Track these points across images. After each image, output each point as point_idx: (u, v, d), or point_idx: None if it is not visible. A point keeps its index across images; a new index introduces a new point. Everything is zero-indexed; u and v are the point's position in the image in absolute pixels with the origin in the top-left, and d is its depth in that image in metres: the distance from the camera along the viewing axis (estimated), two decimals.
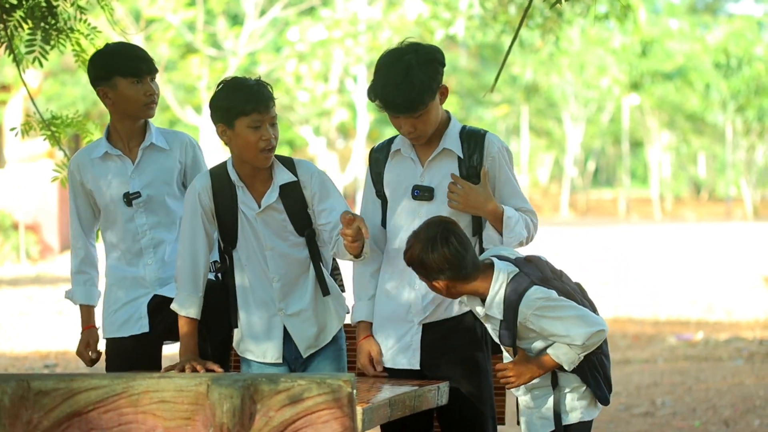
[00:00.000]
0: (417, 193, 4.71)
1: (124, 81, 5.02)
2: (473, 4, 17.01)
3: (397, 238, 4.75)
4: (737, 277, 20.16)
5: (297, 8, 33.38)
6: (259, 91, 4.67)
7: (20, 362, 11.64)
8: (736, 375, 10.55)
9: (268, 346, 4.84)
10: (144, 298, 5.10)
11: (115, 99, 5.06)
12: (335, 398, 3.53)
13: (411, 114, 4.59)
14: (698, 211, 52.24)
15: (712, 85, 45.98)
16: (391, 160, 4.79)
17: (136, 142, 5.11)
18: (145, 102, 5.03)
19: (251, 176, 4.77)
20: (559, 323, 4.46)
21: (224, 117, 4.68)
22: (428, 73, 4.59)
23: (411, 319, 4.74)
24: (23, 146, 23.40)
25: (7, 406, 3.60)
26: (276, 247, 4.78)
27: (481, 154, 4.71)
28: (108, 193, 5.11)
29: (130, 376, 3.63)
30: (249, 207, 4.77)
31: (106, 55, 5.11)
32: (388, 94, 4.59)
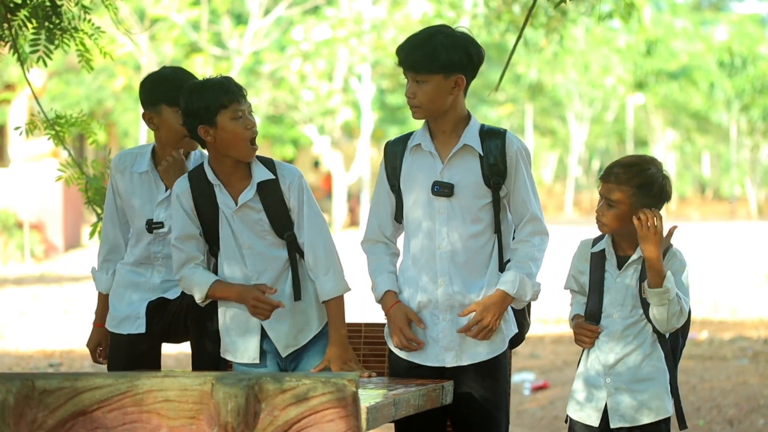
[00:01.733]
0: (437, 189, 4.67)
1: (169, 110, 4.98)
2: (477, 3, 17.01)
3: (417, 234, 4.72)
4: (742, 277, 20.15)
5: (301, 7, 33.38)
6: (229, 82, 4.71)
7: (25, 361, 11.65)
8: (740, 374, 10.54)
9: (246, 346, 4.82)
10: (144, 301, 5.11)
11: (159, 125, 5.04)
12: (340, 397, 3.53)
13: (413, 73, 4.59)
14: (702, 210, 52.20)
15: (716, 84, 45.98)
16: (409, 155, 4.75)
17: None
18: (185, 134, 4.92)
19: (229, 174, 4.75)
20: (683, 288, 4.58)
21: (204, 117, 4.67)
22: (449, 50, 4.58)
23: (435, 314, 4.71)
24: (27, 145, 23.41)
25: (11, 405, 3.60)
26: (253, 246, 4.76)
27: (502, 152, 4.68)
28: (136, 211, 5.11)
29: (135, 375, 3.63)
30: (227, 205, 4.75)
31: (155, 79, 5.07)
32: (403, 48, 4.62)
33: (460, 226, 4.67)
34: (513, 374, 8.01)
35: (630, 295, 4.63)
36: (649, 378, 4.63)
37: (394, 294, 4.75)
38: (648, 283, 4.55)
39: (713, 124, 51.18)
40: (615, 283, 4.67)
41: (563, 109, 51.22)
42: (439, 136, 4.72)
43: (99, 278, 5.24)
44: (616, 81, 45.27)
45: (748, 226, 38.64)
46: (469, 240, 4.68)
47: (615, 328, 4.65)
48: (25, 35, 6.22)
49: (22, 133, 6.26)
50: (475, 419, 4.72)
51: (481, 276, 4.70)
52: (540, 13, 14.54)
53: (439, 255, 4.68)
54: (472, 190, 4.68)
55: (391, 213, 4.80)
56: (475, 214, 4.67)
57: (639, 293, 4.61)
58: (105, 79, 32.20)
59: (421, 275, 4.71)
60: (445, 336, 4.70)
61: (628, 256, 4.66)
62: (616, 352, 4.65)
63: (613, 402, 4.64)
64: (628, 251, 4.67)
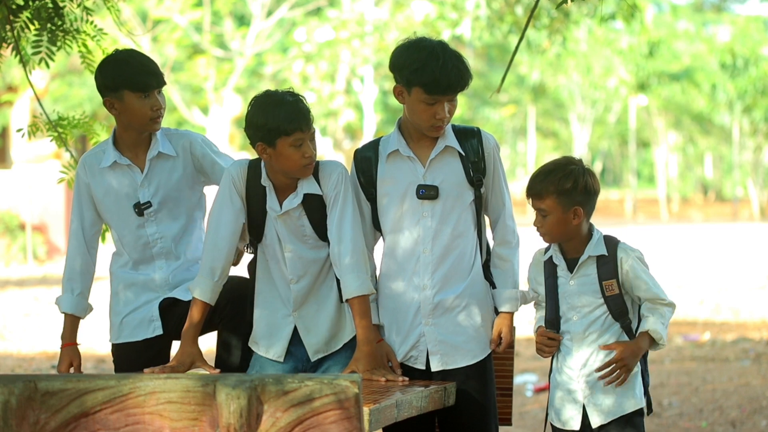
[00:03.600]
0: (422, 192, 4.69)
1: (131, 94, 4.95)
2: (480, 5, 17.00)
3: (399, 239, 4.73)
4: (744, 278, 20.14)
5: (304, 9, 33.39)
6: (298, 109, 4.63)
7: (27, 363, 11.65)
8: (742, 376, 10.53)
9: (274, 343, 4.84)
10: (155, 301, 5.09)
11: (121, 110, 4.99)
12: (342, 399, 3.53)
13: (457, 93, 4.62)
14: (705, 212, 52.19)
15: (718, 85, 45.95)
16: (387, 161, 4.75)
17: (143, 149, 5.06)
18: (151, 116, 4.96)
19: (281, 182, 4.76)
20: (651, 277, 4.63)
21: (265, 137, 4.64)
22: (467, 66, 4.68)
23: (419, 321, 4.73)
24: (30, 147, 23.41)
25: (14, 407, 3.60)
26: (295, 250, 4.77)
27: (481, 149, 4.73)
28: (117, 202, 5.07)
29: (137, 377, 3.63)
30: (272, 209, 4.77)
31: (115, 65, 5.01)
32: (448, 74, 4.58)
33: (445, 228, 4.70)
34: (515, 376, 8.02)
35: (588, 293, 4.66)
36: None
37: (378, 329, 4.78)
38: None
39: (716, 126, 51.15)
40: (569, 286, 4.69)
41: (566, 111, 51.18)
42: (416, 141, 4.74)
43: (64, 300, 5.15)
44: (619, 82, 45.23)
45: (751, 227, 38.62)
46: (453, 242, 4.71)
47: (576, 329, 4.69)
48: (28, 37, 6.22)
49: (24, 134, 6.26)
50: (464, 421, 4.73)
51: (463, 277, 4.73)
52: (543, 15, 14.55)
53: (423, 259, 4.70)
54: (456, 190, 4.72)
55: (369, 222, 4.80)
56: (459, 215, 4.71)
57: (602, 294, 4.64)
58: None
59: (404, 279, 4.73)
60: (430, 340, 4.72)
61: (578, 258, 4.68)
62: (584, 353, 4.67)
63: (591, 401, 4.68)
64: (577, 253, 4.70)
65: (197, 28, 33.03)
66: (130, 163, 5.05)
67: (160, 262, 5.09)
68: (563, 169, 4.66)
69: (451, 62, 4.59)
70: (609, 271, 4.64)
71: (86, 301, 5.18)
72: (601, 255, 4.64)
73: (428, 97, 4.59)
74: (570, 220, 4.63)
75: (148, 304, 5.09)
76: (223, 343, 4.98)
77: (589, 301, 4.66)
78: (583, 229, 4.67)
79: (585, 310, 4.66)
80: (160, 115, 5.00)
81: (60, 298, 5.19)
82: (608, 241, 4.69)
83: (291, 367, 4.85)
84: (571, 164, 4.68)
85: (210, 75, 32.32)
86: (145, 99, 4.95)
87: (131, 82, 4.94)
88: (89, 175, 5.10)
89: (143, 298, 5.10)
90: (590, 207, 4.68)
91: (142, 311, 5.09)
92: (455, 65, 4.59)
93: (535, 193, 4.66)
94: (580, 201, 4.63)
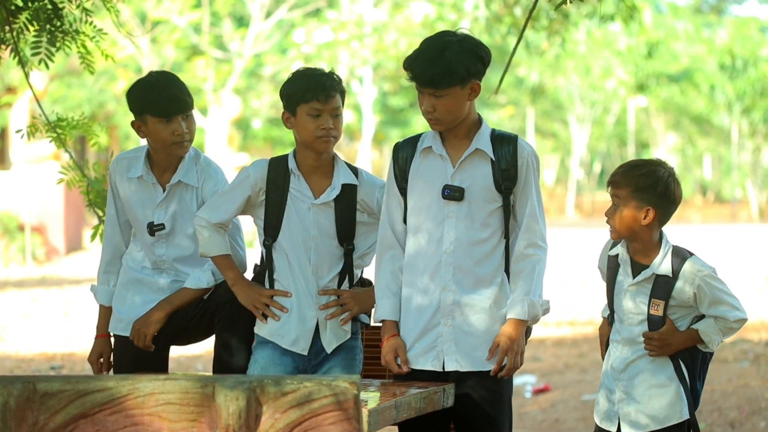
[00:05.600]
0: (448, 192, 4.66)
1: (153, 119, 4.98)
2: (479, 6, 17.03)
3: (422, 237, 4.71)
4: (743, 279, 20.13)
5: (303, 10, 33.38)
6: (321, 81, 4.80)
7: (26, 364, 11.65)
8: (741, 377, 10.53)
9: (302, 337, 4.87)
10: (153, 303, 5.10)
11: (146, 133, 5.05)
12: (341, 400, 3.53)
13: (432, 89, 4.57)
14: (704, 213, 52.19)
15: (717, 86, 45.97)
16: (419, 158, 4.74)
17: (171, 171, 5.10)
18: (173, 141, 4.99)
19: (312, 167, 4.87)
20: (722, 294, 4.57)
21: (287, 104, 4.85)
22: (463, 59, 4.57)
23: (438, 320, 4.70)
24: (29, 148, 23.42)
25: (12, 408, 3.60)
26: (320, 240, 4.86)
27: (514, 157, 4.67)
28: (136, 214, 5.14)
29: (136, 378, 3.63)
30: (304, 195, 4.85)
31: (139, 89, 5.06)
32: (417, 65, 4.59)
33: (468, 230, 4.66)
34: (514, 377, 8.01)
35: (639, 308, 4.63)
36: (656, 385, 4.61)
37: (392, 325, 4.76)
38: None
39: (714, 127, 51.17)
40: (627, 289, 4.66)
41: (564, 112, 51.21)
42: (450, 140, 4.71)
43: (100, 291, 5.24)
44: (618, 84, 45.26)
45: (750, 228, 38.62)
46: (476, 245, 4.66)
47: (625, 334, 4.65)
48: (27, 38, 6.22)
49: (23, 135, 6.27)
50: (478, 422, 4.71)
51: (486, 283, 4.69)
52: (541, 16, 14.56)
53: (444, 260, 4.67)
54: (483, 194, 4.66)
55: (401, 216, 4.78)
56: (484, 219, 4.66)
57: (648, 309, 4.61)
58: (106, 81, 32.22)
59: (424, 278, 4.70)
60: (444, 341, 4.70)
61: (646, 265, 4.64)
62: (626, 357, 4.64)
63: (623, 408, 4.63)
64: (643, 258, 4.66)
65: (196, 29, 33.03)
66: (155, 181, 5.10)
67: (168, 273, 5.13)
68: (648, 167, 4.63)
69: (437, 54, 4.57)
70: (663, 291, 4.58)
71: None
72: (664, 274, 4.60)
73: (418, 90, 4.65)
74: (640, 218, 4.58)
75: (147, 304, 5.10)
76: (223, 344, 4.98)
77: (640, 311, 4.63)
78: (652, 234, 4.62)
79: (636, 319, 4.64)
80: (184, 140, 5.01)
81: (96, 288, 5.27)
82: (677, 255, 4.62)
83: (292, 367, 4.86)
84: (659, 166, 4.65)
85: (209, 76, 32.30)
86: (168, 124, 4.98)
87: (152, 107, 4.98)
88: (117, 178, 5.17)
89: (144, 298, 5.12)
90: (664, 213, 4.62)
91: (141, 310, 5.11)
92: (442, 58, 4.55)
93: (614, 181, 4.63)
94: (655, 203, 4.57)
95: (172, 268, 5.11)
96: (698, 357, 4.65)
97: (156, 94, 4.99)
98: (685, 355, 4.62)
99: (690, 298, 4.57)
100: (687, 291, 4.56)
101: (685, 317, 4.61)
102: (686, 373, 4.61)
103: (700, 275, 4.57)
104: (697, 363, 4.65)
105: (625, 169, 4.65)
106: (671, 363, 4.60)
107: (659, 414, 4.59)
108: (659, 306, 4.57)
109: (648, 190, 4.58)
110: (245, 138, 41.59)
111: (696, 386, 4.65)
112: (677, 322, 4.59)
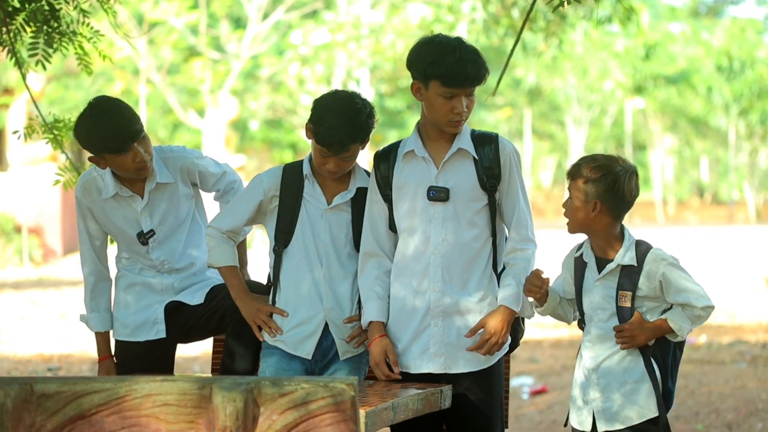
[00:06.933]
0: (433, 194, 4.68)
1: (110, 155, 4.94)
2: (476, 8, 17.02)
3: (411, 239, 4.72)
4: (740, 281, 20.15)
5: (300, 11, 33.38)
6: (342, 132, 4.77)
7: (23, 365, 11.64)
8: (738, 378, 10.54)
9: (305, 341, 4.84)
10: (159, 304, 5.11)
11: (107, 164, 5.00)
12: (338, 402, 3.53)
13: (474, 87, 4.64)
14: (701, 215, 52.20)
15: (714, 88, 45.99)
16: (402, 162, 4.76)
17: (141, 180, 5.08)
18: (136, 167, 4.96)
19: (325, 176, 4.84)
20: (686, 282, 4.58)
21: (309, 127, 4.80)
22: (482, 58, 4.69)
23: (428, 322, 4.71)
24: (26, 149, 23.41)
25: (10, 410, 3.60)
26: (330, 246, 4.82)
27: (496, 155, 4.71)
28: (121, 230, 5.12)
29: (134, 380, 3.63)
30: (316, 200, 4.83)
31: (87, 132, 4.96)
32: (464, 68, 4.58)
33: (455, 231, 4.67)
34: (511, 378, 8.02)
35: (608, 302, 4.63)
36: (630, 380, 4.62)
37: (379, 326, 4.76)
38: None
39: (712, 129, 51.18)
40: (594, 286, 4.67)
41: (562, 114, 51.20)
42: (432, 142, 4.73)
43: (92, 319, 5.23)
44: (615, 85, 45.25)
45: (747, 230, 38.64)
46: (464, 245, 4.68)
47: (597, 331, 4.66)
48: (24, 39, 6.21)
49: (20, 137, 6.26)
50: (472, 423, 4.73)
51: (475, 283, 4.71)
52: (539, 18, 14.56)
53: (433, 261, 4.68)
54: (468, 194, 4.69)
55: (385, 223, 4.79)
56: (470, 219, 4.69)
57: (616, 302, 4.62)
58: (103, 83, 32.21)
59: (415, 280, 4.71)
60: (435, 342, 4.70)
61: (610, 260, 4.65)
62: (598, 355, 4.66)
63: (598, 405, 4.65)
64: (606, 254, 4.67)
65: (193, 30, 33.01)
66: (131, 194, 5.08)
67: (166, 275, 5.12)
68: (603, 161, 4.66)
69: (467, 55, 4.59)
70: (629, 283, 4.60)
71: (110, 313, 5.24)
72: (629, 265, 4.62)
73: (446, 90, 4.60)
74: (588, 211, 4.60)
75: (152, 306, 5.11)
76: (228, 351, 4.97)
77: (608, 305, 4.64)
78: (609, 229, 4.64)
79: (605, 314, 4.64)
80: (145, 164, 4.98)
81: (87, 318, 5.25)
82: (640, 247, 4.64)
83: (302, 371, 4.86)
84: (616, 161, 4.68)
85: (206, 77, 32.29)
86: (125, 155, 4.94)
87: (106, 147, 4.93)
88: (89, 201, 5.14)
89: (148, 300, 5.12)
90: (614, 207, 4.63)
91: (146, 313, 5.11)
92: (472, 58, 4.60)
93: (570, 173, 4.68)
94: (603, 196, 4.60)
95: (172, 270, 5.11)
96: (669, 354, 4.66)
97: (104, 134, 4.91)
98: (656, 353, 4.63)
99: (656, 288, 4.60)
100: (652, 280, 4.59)
101: (654, 310, 4.62)
102: (657, 370, 4.63)
103: (663, 264, 4.60)
104: (668, 360, 4.66)
105: (581, 162, 4.68)
106: (643, 360, 4.61)
107: (632, 411, 4.61)
108: (627, 297, 4.60)
109: (596, 183, 4.61)
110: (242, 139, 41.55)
111: (668, 384, 4.67)
112: (645, 316, 4.61)
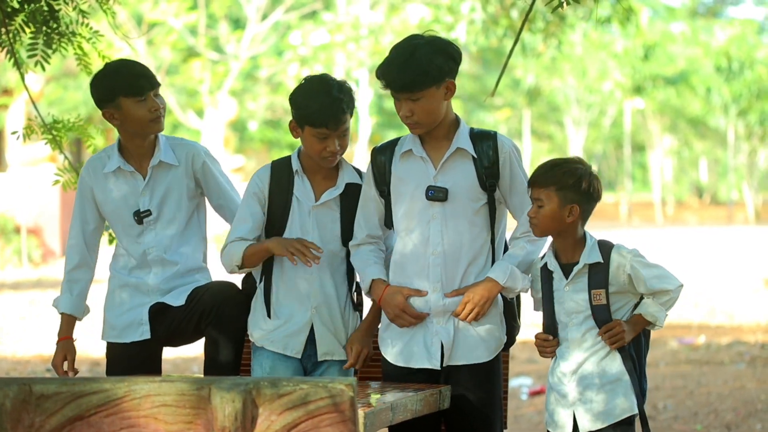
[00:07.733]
0: (431, 193, 4.67)
1: (127, 100, 4.98)
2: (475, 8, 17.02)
3: (410, 239, 4.72)
4: (739, 281, 20.16)
5: (299, 12, 33.40)
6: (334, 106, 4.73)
7: (22, 366, 11.64)
8: (737, 379, 10.54)
9: (292, 340, 4.85)
10: (145, 305, 5.10)
11: (121, 119, 5.03)
12: (337, 402, 3.53)
13: (408, 93, 4.57)
14: (700, 215, 52.21)
15: (713, 89, 46.00)
16: (400, 160, 4.75)
17: (147, 158, 5.10)
18: (151, 118, 5.00)
19: (316, 168, 4.86)
20: (655, 269, 4.61)
21: (296, 119, 4.81)
22: (434, 59, 4.56)
23: (430, 320, 4.71)
24: (25, 150, 23.43)
25: (8, 410, 3.60)
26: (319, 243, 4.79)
27: (495, 153, 4.70)
28: (118, 209, 5.11)
29: (132, 380, 3.63)
30: (305, 196, 4.84)
31: (107, 76, 5.06)
32: (389, 72, 4.59)
33: (454, 230, 4.67)
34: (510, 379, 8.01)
35: (581, 300, 4.64)
36: (610, 380, 4.63)
37: (382, 281, 4.75)
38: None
39: (711, 129, 51.21)
40: (564, 292, 4.66)
41: (561, 114, 51.22)
42: (430, 142, 4.73)
43: (60, 300, 5.25)
44: (614, 86, 45.27)
45: (746, 230, 38.65)
46: (463, 245, 4.68)
47: (572, 335, 4.66)
48: (23, 40, 6.21)
49: (19, 137, 6.26)
50: (470, 422, 4.73)
51: (474, 281, 4.70)
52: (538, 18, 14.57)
53: (432, 260, 4.68)
54: (467, 193, 4.69)
55: (379, 218, 4.81)
56: (470, 218, 4.68)
57: (590, 302, 4.63)
58: None
59: (415, 280, 4.71)
60: (435, 342, 4.70)
61: (575, 262, 4.65)
62: (577, 357, 4.66)
63: (579, 407, 4.65)
64: (571, 258, 4.67)
65: (192, 31, 33.02)
66: (133, 170, 5.09)
67: (156, 269, 5.11)
68: (569, 165, 4.65)
69: (407, 58, 4.56)
70: (600, 280, 4.61)
71: (84, 303, 5.24)
72: (596, 262, 4.64)
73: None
74: (564, 216, 4.61)
75: (138, 307, 5.10)
76: (211, 341, 4.97)
77: (583, 308, 4.65)
78: (577, 231, 4.66)
79: (580, 317, 4.65)
80: (160, 115, 5.03)
81: (58, 298, 5.26)
82: (603, 246, 4.66)
83: (294, 368, 4.86)
84: (579, 164, 4.68)
85: (205, 78, 32.30)
86: (142, 102, 4.98)
87: (125, 88, 4.98)
88: (93, 179, 5.15)
89: (135, 301, 5.12)
90: (587, 210, 4.65)
91: (132, 314, 5.11)
92: (412, 61, 4.55)
93: (536, 182, 4.63)
94: (579, 200, 4.61)
95: (159, 261, 5.09)
96: (641, 351, 4.69)
97: (126, 75, 5.01)
98: (631, 350, 4.65)
99: (625, 282, 4.61)
100: (621, 274, 4.60)
101: (626, 306, 4.64)
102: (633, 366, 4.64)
103: (629, 257, 4.61)
104: (642, 356, 4.69)
105: (546, 169, 4.66)
106: (620, 358, 4.62)
107: (613, 410, 4.61)
108: (601, 295, 4.61)
109: (572, 189, 4.61)
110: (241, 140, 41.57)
111: (643, 377, 4.69)
112: (619, 312, 4.63)
